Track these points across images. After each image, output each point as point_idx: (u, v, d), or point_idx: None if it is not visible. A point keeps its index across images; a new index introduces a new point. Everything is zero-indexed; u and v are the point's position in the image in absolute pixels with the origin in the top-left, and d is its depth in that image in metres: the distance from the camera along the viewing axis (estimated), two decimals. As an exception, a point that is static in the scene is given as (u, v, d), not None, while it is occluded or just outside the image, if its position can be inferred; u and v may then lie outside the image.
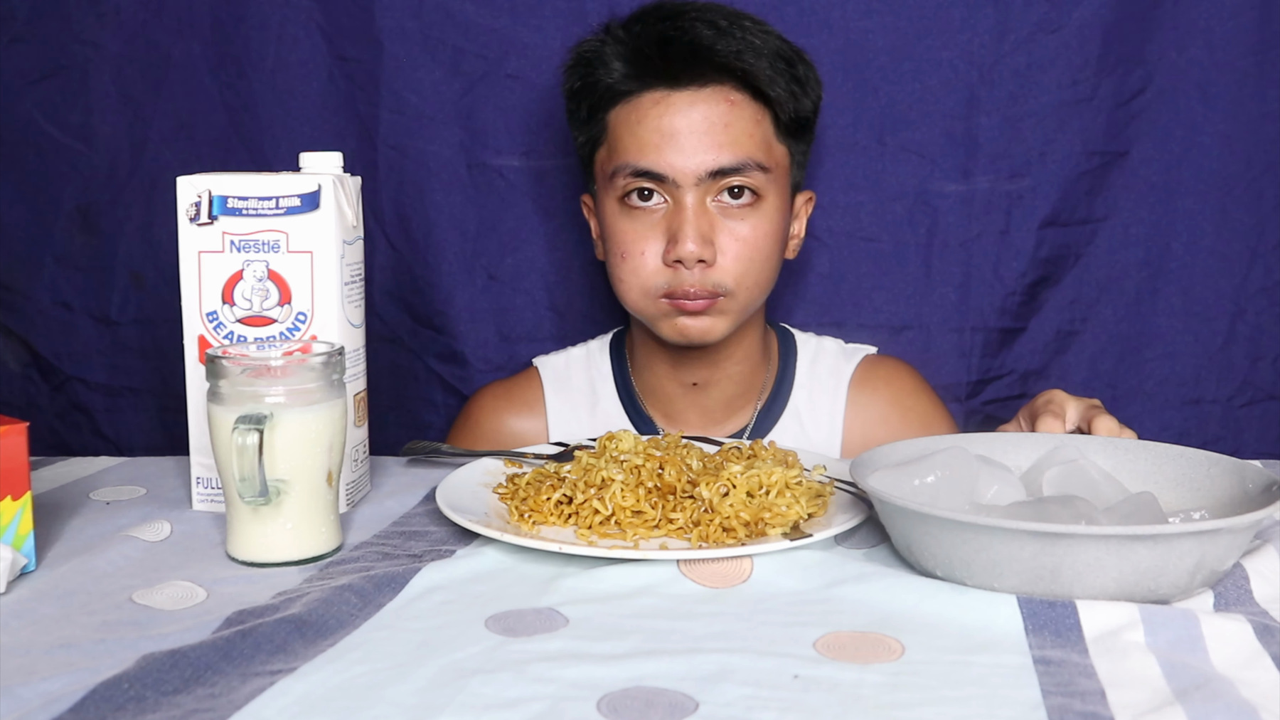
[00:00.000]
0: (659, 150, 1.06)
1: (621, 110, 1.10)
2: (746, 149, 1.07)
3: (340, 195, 0.90)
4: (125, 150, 1.36)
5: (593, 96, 1.11)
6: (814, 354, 1.24)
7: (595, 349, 1.26)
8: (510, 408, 1.24)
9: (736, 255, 1.08)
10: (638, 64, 1.08)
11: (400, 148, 1.33)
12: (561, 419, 1.22)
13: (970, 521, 0.68)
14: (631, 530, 0.81)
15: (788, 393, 1.21)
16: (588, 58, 1.12)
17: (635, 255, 1.09)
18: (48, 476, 1.01)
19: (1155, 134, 1.28)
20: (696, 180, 1.06)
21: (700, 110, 1.06)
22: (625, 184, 1.09)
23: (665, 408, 1.21)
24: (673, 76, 1.07)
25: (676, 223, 1.07)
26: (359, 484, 0.95)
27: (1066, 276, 1.32)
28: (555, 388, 1.24)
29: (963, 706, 0.56)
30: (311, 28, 1.32)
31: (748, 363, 1.19)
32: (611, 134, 1.11)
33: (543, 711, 0.56)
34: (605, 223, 1.13)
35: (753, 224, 1.09)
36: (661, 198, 1.08)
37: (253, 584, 0.75)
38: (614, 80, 1.09)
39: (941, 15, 1.27)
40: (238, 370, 0.78)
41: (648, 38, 1.08)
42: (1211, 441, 1.31)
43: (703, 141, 1.06)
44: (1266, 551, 0.74)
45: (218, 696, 0.57)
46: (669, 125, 1.06)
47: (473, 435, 1.24)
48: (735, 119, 1.07)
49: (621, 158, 1.09)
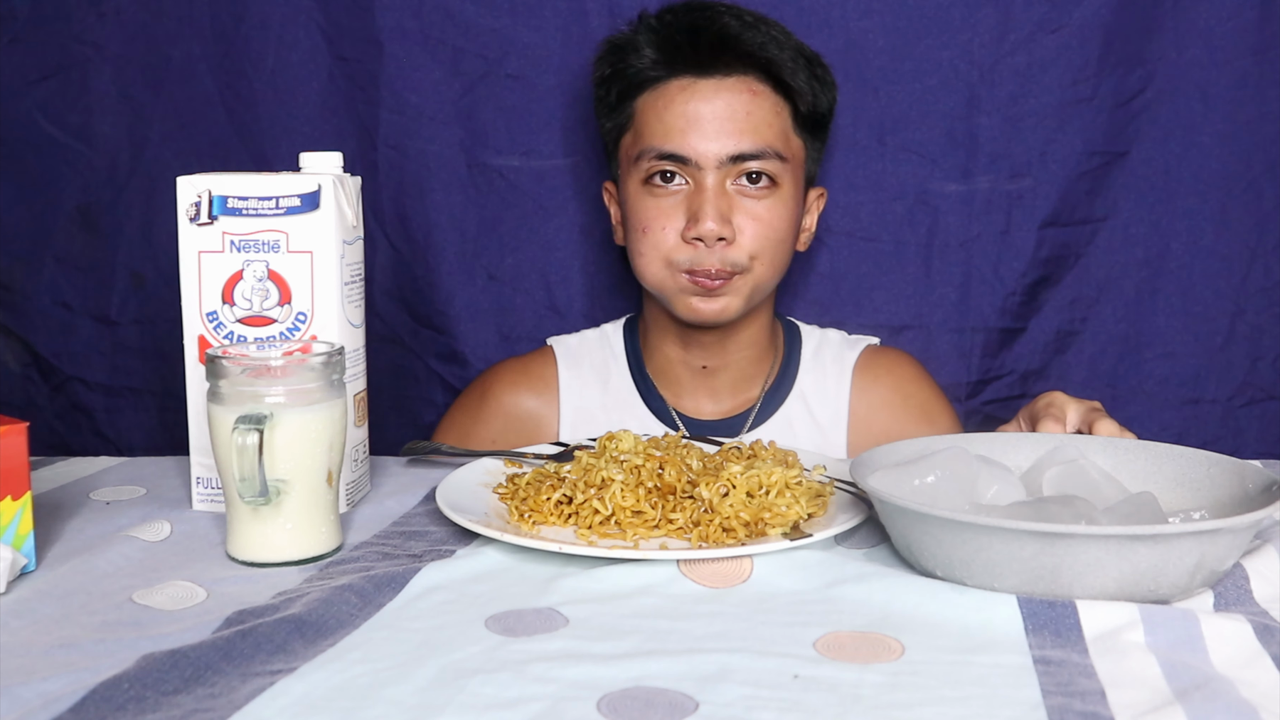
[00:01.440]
0: (684, 134, 1.11)
1: (649, 96, 1.14)
2: (766, 137, 1.11)
3: (340, 195, 0.90)
4: (125, 150, 1.36)
5: (622, 83, 1.16)
6: (818, 342, 1.26)
7: (609, 330, 1.29)
8: (526, 383, 1.26)
9: (754, 234, 1.12)
10: (667, 51, 1.13)
11: (400, 148, 1.33)
12: (573, 395, 1.24)
13: (970, 521, 0.68)
14: (631, 530, 0.81)
15: (793, 376, 1.24)
16: (620, 45, 1.17)
17: (656, 230, 1.13)
18: (48, 476, 1.01)
19: (1155, 134, 1.28)
20: (718, 164, 1.10)
21: (724, 98, 1.11)
22: (650, 166, 1.13)
23: (675, 388, 1.23)
24: (700, 65, 1.12)
25: (697, 202, 1.11)
26: (359, 484, 0.95)
27: (1066, 276, 1.32)
28: (569, 364, 1.26)
29: (963, 706, 0.56)
30: (311, 28, 1.32)
31: (755, 348, 1.22)
32: (639, 119, 1.15)
33: (543, 711, 0.56)
34: (628, 204, 1.16)
35: (769, 207, 1.13)
36: (683, 180, 1.12)
37: (253, 584, 0.75)
38: (644, 65, 1.14)
39: (941, 15, 1.27)
40: (238, 370, 0.78)
41: (679, 26, 1.14)
42: (1211, 441, 1.31)
43: (725, 127, 1.10)
44: (1266, 551, 0.74)
45: (218, 696, 0.57)
46: (694, 111, 1.11)
47: (485, 409, 1.25)
48: (757, 108, 1.12)
49: (647, 141, 1.13)
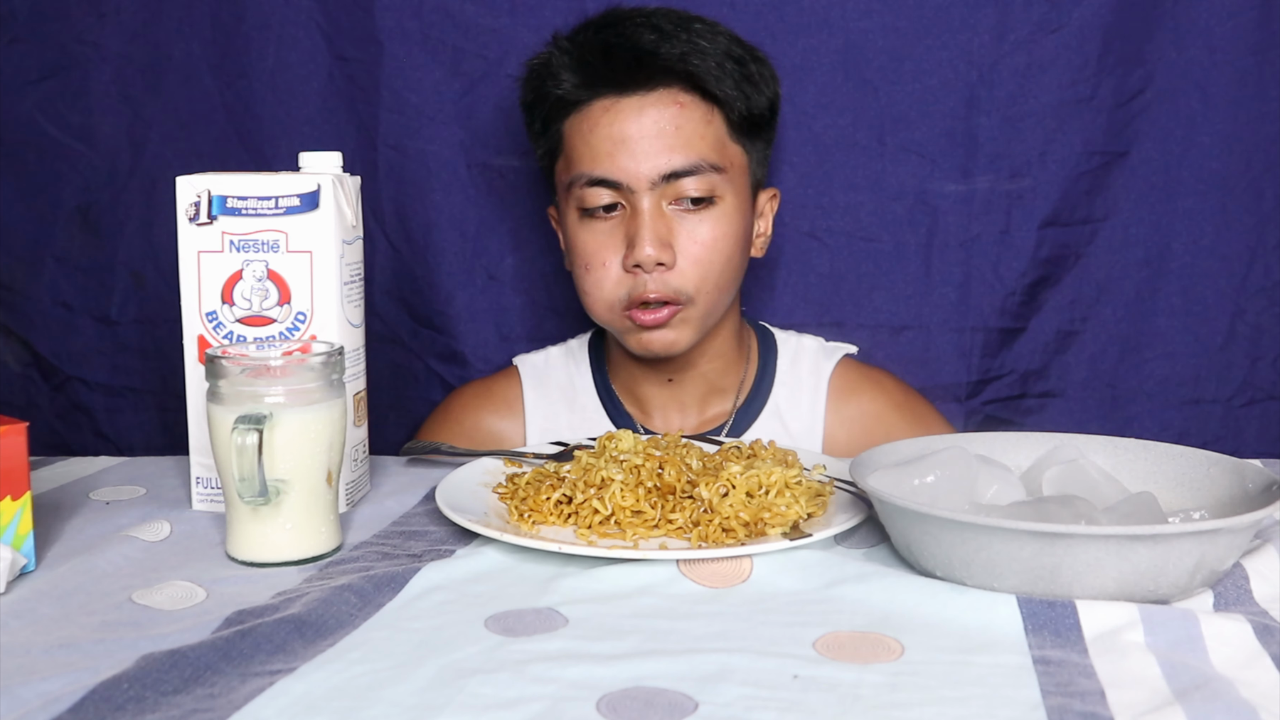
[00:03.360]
0: (612, 157, 1.07)
1: (574, 120, 1.10)
2: (699, 150, 1.07)
3: (340, 195, 0.90)
4: (125, 150, 1.36)
5: (545, 108, 1.12)
6: (794, 352, 1.23)
7: (575, 347, 1.27)
8: (489, 406, 1.25)
9: (695, 258, 1.08)
10: (584, 73, 1.09)
11: (400, 148, 1.33)
12: (540, 416, 1.23)
13: (970, 521, 0.68)
14: (631, 530, 0.81)
15: (768, 390, 1.21)
16: (538, 70, 1.13)
17: (598, 267, 1.10)
18: (48, 476, 1.01)
19: (1155, 134, 1.28)
20: (651, 184, 1.07)
21: (650, 114, 1.07)
22: (582, 194, 1.09)
23: (642, 405, 1.21)
24: (619, 83, 1.08)
25: (634, 228, 1.07)
26: (359, 484, 0.95)
27: (1066, 276, 1.32)
28: (534, 385, 1.24)
29: (962, 706, 0.56)
30: (311, 28, 1.32)
31: (721, 359, 1.19)
32: (567, 144, 1.12)
33: (542, 711, 0.56)
34: (568, 234, 1.14)
35: (711, 225, 1.09)
36: (619, 205, 1.09)
37: (252, 584, 0.75)
38: (564, 91, 1.10)
39: (941, 15, 1.27)
40: (237, 370, 0.78)
41: (591, 47, 1.09)
42: (1211, 441, 1.31)
43: (654, 145, 1.06)
44: (1266, 551, 0.74)
45: (217, 696, 0.57)
46: (620, 131, 1.07)
47: (448, 431, 1.24)
48: (685, 120, 1.07)
49: (577, 167, 1.10)
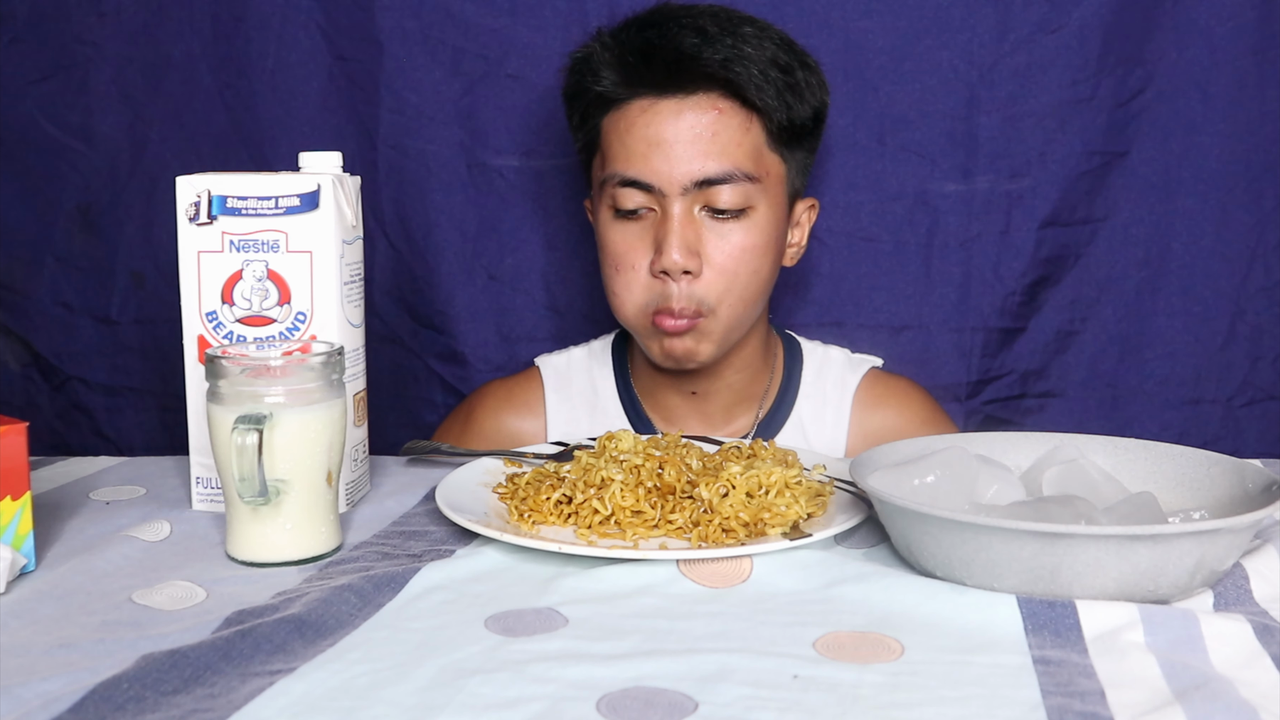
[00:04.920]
0: (645, 159, 1.05)
1: (612, 117, 1.09)
2: (734, 158, 1.05)
3: (340, 195, 0.90)
4: (125, 150, 1.36)
5: (585, 102, 1.11)
6: (820, 363, 1.22)
7: (598, 349, 1.25)
8: (510, 407, 1.24)
9: (722, 268, 1.06)
10: (624, 72, 1.07)
11: (400, 148, 1.33)
12: (561, 419, 1.22)
13: (970, 521, 0.68)
14: (631, 530, 0.81)
15: (792, 402, 1.20)
16: (579, 64, 1.11)
17: (627, 269, 1.08)
18: (48, 476, 1.01)
19: (1155, 134, 1.28)
20: (683, 189, 1.05)
21: (687, 118, 1.05)
22: (615, 193, 1.08)
23: (665, 413, 1.20)
24: (658, 84, 1.05)
25: (662, 232, 1.06)
26: (359, 484, 0.94)
27: (1066, 276, 1.32)
28: (556, 387, 1.23)
29: (962, 706, 0.56)
30: (311, 28, 1.32)
31: (747, 371, 1.18)
32: (604, 141, 1.10)
33: (542, 711, 0.56)
34: (600, 232, 1.12)
35: (741, 235, 1.07)
36: (650, 208, 1.08)
37: (252, 584, 0.75)
38: (604, 88, 1.08)
39: (941, 15, 1.27)
40: (237, 370, 0.78)
41: (632, 46, 1.06)
42: (1211, 441, 1.31)
43: (689, 150, 1.04)
44: (1266, 551, 0.74)
45: (217, 696, 0.57)
46: (655, 134, 1.05)
47: (470, 432, 1.24)
48: (722, 127, 1.05)
49: (611, 166, 1.08)
